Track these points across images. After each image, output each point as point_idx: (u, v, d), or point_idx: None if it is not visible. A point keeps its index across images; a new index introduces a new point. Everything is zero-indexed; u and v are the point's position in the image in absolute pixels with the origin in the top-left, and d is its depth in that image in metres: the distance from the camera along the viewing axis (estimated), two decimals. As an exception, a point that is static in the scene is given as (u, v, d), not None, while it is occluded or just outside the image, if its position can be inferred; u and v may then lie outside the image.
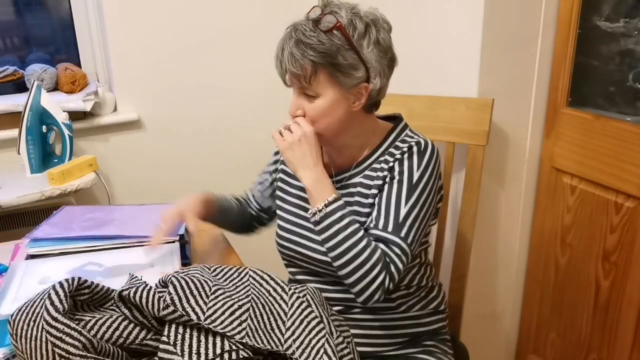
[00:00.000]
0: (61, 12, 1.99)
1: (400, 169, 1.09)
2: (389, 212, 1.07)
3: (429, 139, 1.13)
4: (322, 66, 1.03)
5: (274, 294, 0.91)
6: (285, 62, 1.04)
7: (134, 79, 1.94)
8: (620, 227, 1.50)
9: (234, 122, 2.10)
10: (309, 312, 0.89)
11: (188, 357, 0.77)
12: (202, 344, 0.79)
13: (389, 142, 1.15)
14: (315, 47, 1.01)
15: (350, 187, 1.15)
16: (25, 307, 0.82)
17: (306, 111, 1.08)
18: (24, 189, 1.59)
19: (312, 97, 1.07)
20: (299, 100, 1.08)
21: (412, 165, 1.09)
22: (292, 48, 1.02)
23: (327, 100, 1.06)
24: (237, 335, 0.81)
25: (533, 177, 1.72)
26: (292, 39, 1.03)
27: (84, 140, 1.89)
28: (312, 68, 1.03)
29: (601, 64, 1.53)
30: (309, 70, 1.03)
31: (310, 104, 1.07)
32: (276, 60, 1.07)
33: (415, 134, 1.16)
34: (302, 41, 1.02)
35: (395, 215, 1.06)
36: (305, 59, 1.02)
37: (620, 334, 1.55)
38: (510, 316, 1.87)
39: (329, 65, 1.03)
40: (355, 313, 1.17)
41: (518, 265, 1.81)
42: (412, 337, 1.20)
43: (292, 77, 1.06)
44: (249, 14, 2.01)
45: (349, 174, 1.16)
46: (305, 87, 1.05)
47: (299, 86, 1.07)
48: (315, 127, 1.08)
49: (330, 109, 1.07)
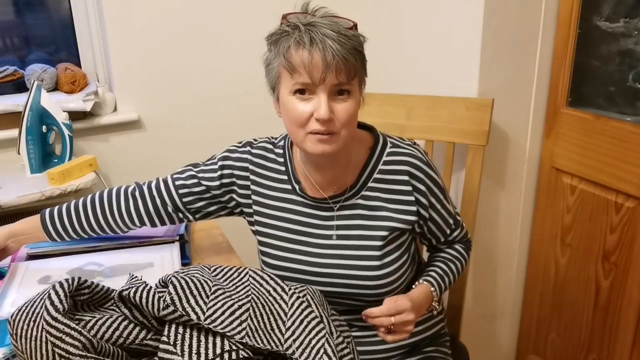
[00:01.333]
0: (61, 12, 1.99)
1: (428, 187, 1.09)
2: (448, 222, 1.16)
3: (408, 140, 1.13)
4: (362, 62, 0.98)
5: (274, 294, 0.91)
6: (328, 55, 0.92)
7: (134, 79, 1.93)
8: (620, 227, 1.50)
9: (234, 122, 2.10)
10: (309, 312, 0.89)
11: (188, 357, 0.77)
12: (202, 344, 0.79)
13: (375, 158, 1.09)
14: (356, 40, 0.96)
15: (349, 209, 1.09)
16: (25, 307, 0.82)
17: (337, 113, 0.96)
18: (24, 189, 1.59)
19: (345, 97, 0.97)
20: (330, 102, 0.96)
21: (431, 177, 1.10)
22: (335, 40, 0.93)
23: (356, 101, 0.99)
24: (237, 335, 0.81)
25: (533, 177, 1.72)
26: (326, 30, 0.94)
27: (84, 140, 1.89)
28: (358, 63, 0.97)
29: (601, 64, 1.53)
30: (355, 65, 0.96)
31: (341, 105, 0.97)
32: (306, 54, 0.94)
33: (399, 143, 1.11)
34: (343, 34, 0.94)
35: (452, 216, 1.17)
36: (353, 51, 0.95)
37: (620, 334, 1.55)
38: (510, 316, 1.87)
39: (361, 62, 0.98)
40: (354, 331, 1.14)
41: (518, 265, 1.81)
42: (412, 346, 1.18)
43: (336, 72, 0.94)
44: (250, 14, 2.01)
45: (344, 197, 1.09)
46: (344, 83, 0.96)
47: (337, 84, 0.95)
48: (345, 132, 0.98)
49: (356, 110, 1.00)
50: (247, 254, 1.37)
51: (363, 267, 1.07)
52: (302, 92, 0.97)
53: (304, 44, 0.94)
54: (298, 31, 0.95)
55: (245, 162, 1.14)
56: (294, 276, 1.10)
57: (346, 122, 0.97)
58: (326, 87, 0.95)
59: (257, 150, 1.15)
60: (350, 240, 1.09)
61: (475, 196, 1.48)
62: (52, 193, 1.60)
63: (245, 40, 2.04)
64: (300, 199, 1.11)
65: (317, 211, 1.10)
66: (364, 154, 1.10)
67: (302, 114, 0.97)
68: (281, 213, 1.12)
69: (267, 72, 1.04)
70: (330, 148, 0.98)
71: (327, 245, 1.10)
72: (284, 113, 1.01)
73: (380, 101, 1.59)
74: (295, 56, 0.95)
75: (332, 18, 0.97)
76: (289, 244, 1.11)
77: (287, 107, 0.99)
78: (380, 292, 1.07)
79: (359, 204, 1.09)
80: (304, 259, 1.10)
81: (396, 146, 1.10)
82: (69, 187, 1.63)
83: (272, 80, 1.02)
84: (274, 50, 1.00)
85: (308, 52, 0.93)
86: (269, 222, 1.13)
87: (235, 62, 2.04)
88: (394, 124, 1.57)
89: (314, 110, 0.96)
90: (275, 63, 0.99)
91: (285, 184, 1.12)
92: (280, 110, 1.03)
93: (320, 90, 0.95)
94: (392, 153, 1.09)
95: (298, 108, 0.97)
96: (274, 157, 1.14)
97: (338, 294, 1.10)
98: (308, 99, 0.97)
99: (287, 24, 0.98)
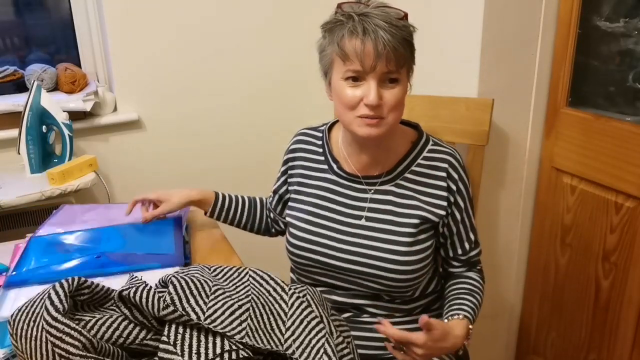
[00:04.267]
0: (61, 12, 1.99)
1: (459, 190, 1.14)
2: (469, 233, 1.18)
3: (451, 146, 1.18)
4: (411, 52, 1.04)
5: (274, 294, 0.91)
6: (379, 45, 0.97)
7: (134, 79, 1.94)
8: (620, 227, 1.50)
9: (234, 122, 2.10)
10: (309, 312, 0.89)
11: (188, 357, 0.77)
12: (202, 343, 0.79)
13: (417, 151, 1.15)
14: (406, 31, 1.02)
15: (382, 194, 1.14)
16: (25, 307, 0.82)
17: (386, 100, 1.02)
18: (24, 189, 1.59)
19: (393, 84, 1.03)
20: (379, 89, 1.01)
21: (465, 182, 1.15)
22: (387, 31, 0.98)
23: (404, 87, 1.05)
24: (237, 335, 0.81)
25: (533, 177, 1.72)
26: (378, 20, 0.99)
27: (84, 140, 1.89)
28: (407, 53, 1.02)
29: (601, 64, 1.53)
30: (405, 55, 1.02)
31: (389, 92, 1.02)
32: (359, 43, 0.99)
33: (440, 142, 1.18)
34: (394, 24, 0.99)
35: (473, 231, 1.18)
36: (403, 42, 1.00)
37: (620, 334, 1.55)
38: (510, 316, 1.87)
39: (410, 52, 1.04)
40: (365, 317, 1.16)
41: (518, 265, 1.81)
42: None
43: (386, 61, 0.99)
44: (250, 14, 2.01)
45: (380, 181, 1.15)
46: (393, 72, 1.01)
47: (386, 72, 1.01)
48: (392, 118, 1.04)
49: (404, 97, 1.05)
50: (247, 254, 1.37)
51: (390, 251, 1.10)
52: (355, 79, 1.02)
53: (357, 33, 0.99)
54: (352, 21, 1.00)
55: (295, 146, 1.26)
56: (319, 249, 1.15)
57: (393, 108, 1.03)
58: (376, 74, 1.00)
59: (301, 137, 1.26)
60: (379, 223, 1.13)
61: (476, 196, 1.48)
62: (52, 193, 1.60)
63: (246, 41, 2.04)
64: (335, 177, 1.18)
65: (350, 191, 1.16)
66: (406, 146, 1.16)
67: (353, 99, 1.02)
68: (315, 190, 1.19)
69: (320, 58, 1.09)
70: (377, 131, 1.04)
71: (355, 225, 1.14)
72: (335, 97, 1.07)
73: (380, 101, 1.58)
74: (348, 45, 1.00)
75: (384, 8, 1.02)
76: (318, 219, 1.17)
77: (339, 91, 1.05)
78: (401, 279, 1.10)
79: (392, 191, 1.14)
80: (331, 234, 1.15)
81: (438, 145, 1.17)
82: (69, 187, 1.63)
83: (326, 65, 1.08)
84: (328, 37, 1.05)
85: (361, 41, 0.99)
86: (301, 199, 1.20)
87: (236, 62, 2.04)
88: (394, 124, 1.57)
89: (363, 96, 1.02)
90: (329, 50, 1.05)
91: (322, 164, 1.20)
92: (332, 94, 1.08)
93: (370, 77, 1.01)
94: (434, 150, 1.16)
95: (349, 93, 1.03)
96: (313, 140, 1.24)
97: (358, 275, 1.12)
98: (358, 85, 1.02)
99: (342, 14, 1.03)
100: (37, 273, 1.09)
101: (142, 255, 1.17)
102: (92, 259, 1.14)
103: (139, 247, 1.20)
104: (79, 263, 1.13)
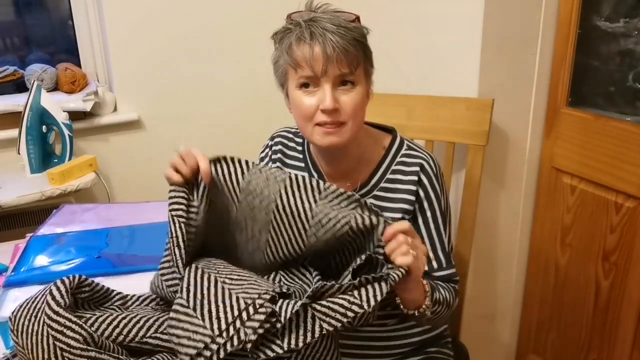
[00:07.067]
0: (61, 12, 2.00)
1: (428, 197, 1.07)
2: (437, 249, 1.09)
3: (428, 151, 1.12)
4: (364, 52, 1.00)
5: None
6: (328, 48, 0.94)
7: (134, 79, 1.94)
8: (620, 227, 1.50)
9: (234, 121, 2.10)
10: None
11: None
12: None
13: (390, 158, 1.10)
14: (357, 32, 0.98)
15: None
16: (26, 303, 0.82)
17: (343, 104, 0.98)
18: (24, 189, 1.59)
19: (349, 88, 0.99)
20: (334, 92, 0.98)
21: (436, 190, 1.08)
22: (335, 33, 0.95)
23: (362, 91, 1.01)
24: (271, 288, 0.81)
25: (533, 177, 1.72)
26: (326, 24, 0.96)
27: (84, 140, 1.89)
28: (360, 53, 0.98)
29: (601, 64, 1.53)
30: (357, 55, 0.98)
31: (346, 96, 0.98)
32: (307, 49, 0.96)
33: (416, 147, 1.12)
34: (343, 26, 0.96)
35: (442, 249, 1.09)
36: (354, 42, 0.97)
37: (620, 334, 1.55)
38: (510, 316, 1.87)
39: (364, 52, 1.00)
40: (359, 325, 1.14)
41: (518, 265, 1.81)
42: (418, 345, 1.17)
43: (338, 63, 0.96)
44: (249, 14, 2.01)
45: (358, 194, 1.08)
46: (347, 74, 0.98)
47: (339, 75, 0.97)
48: (352, 123, 0.99)
49: (363, 101, 1.01)
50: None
51: None
52: (307, 85, 0.99)
53: (305, 38, 0.97)
54: (299, 27, 0.98)
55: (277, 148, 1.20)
56: None
57: (352, 113, 0.99)
58: (329, 78, 0.97)
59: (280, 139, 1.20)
60: None
61: (476, 196, 1.48)
62: (52, 193, 1.60)
63: (246, 41, 2.04)
64: None
65: None
66: (379, 153, 1.11)
67: (309, 107, 0.99)
68: None
69: (275, 70, 1.06)
70: (338, 139, 1.00)
71: None
72: (293, 108, 1.04)
73: (380, 101, 1.58)
74: (297, 51, 0.98)
75: (333, 13, 1.00)
76: None
77: (295, 101, 1.02)
78: None
79: (373, 203, 1.08)
80: None
81: (413, 149, 1.11)
82: (69, 187, 1.63)
83: (280, 77, 1.05)
84: (279, 48, 1.02)
85: (309, 46, 0.96)
86: None
87: (236, 62, 2.05)
88: (394, 124, 1.55)
89: (319, 103, 0.98)
90: (281, 60, 1.02)
91: (303, 171, 1.15)
92: (290, 105, 1.06)
93: (323, 82, 0.97)
94: (407, 155, 1.10)
95: (304, 101, 0.99)
96: (294, 145, 1.18)
97: None
98: (313, 92, 0.99)
99: (290, 22, 1.01)
100: (37, 273, 1.09)
101: (142, 257, 1.17)
102: (92, 259, 1.14)
103: (139, 249, 1.20)
104: (78, 263, 1.12)
